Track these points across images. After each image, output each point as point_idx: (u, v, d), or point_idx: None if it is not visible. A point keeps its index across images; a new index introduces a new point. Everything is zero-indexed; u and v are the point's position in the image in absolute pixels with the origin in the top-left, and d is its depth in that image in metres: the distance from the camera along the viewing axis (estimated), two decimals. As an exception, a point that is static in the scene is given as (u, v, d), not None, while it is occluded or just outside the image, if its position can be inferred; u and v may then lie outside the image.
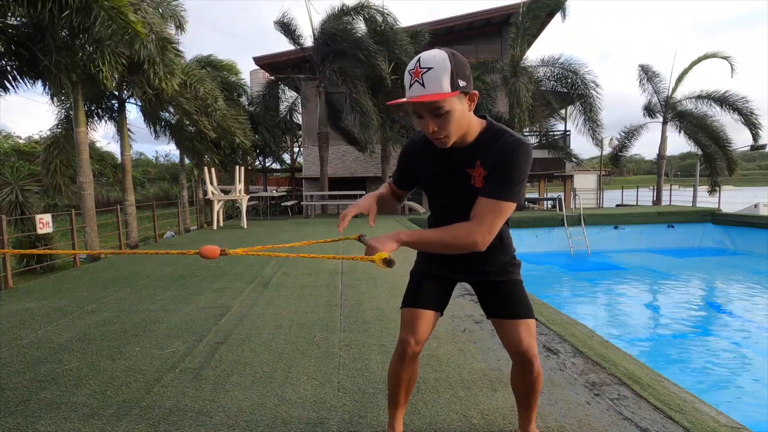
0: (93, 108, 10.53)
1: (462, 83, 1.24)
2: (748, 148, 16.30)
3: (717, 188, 16.36)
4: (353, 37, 13.42)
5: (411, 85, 1.25)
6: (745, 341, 5.80)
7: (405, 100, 1.26)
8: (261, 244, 8.33)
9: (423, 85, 1.22)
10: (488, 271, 1.54)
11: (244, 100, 16.77)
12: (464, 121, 1.30)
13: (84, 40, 7.18)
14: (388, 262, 1.23)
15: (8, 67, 7.23)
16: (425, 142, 1.47)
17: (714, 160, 16.16)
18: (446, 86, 1.21)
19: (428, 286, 1.60)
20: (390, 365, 1.62)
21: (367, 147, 14.36)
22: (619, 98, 23.27)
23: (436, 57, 1.23)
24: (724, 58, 15.74)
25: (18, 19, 6.92)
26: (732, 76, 15.93)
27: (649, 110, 17.22)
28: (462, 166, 1.40)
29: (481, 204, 1.32)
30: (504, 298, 1.53)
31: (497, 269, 1.53)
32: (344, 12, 13.86)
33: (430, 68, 1.22)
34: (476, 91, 1.31)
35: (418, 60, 1.24)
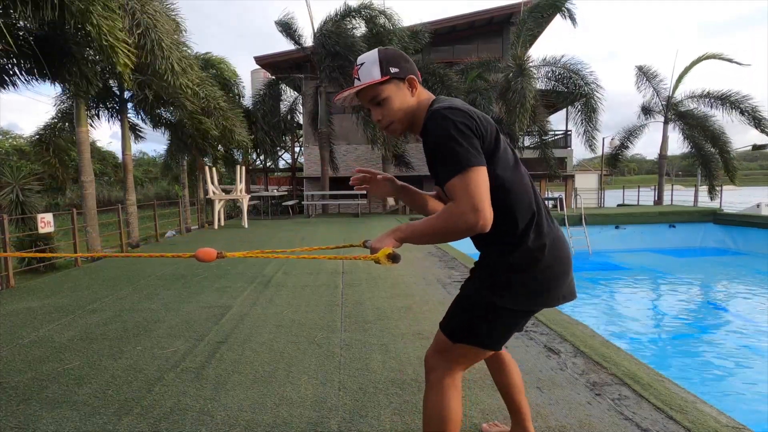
0: (96, 107, 10.56)
1: (393, 69, 1.29)
2: (750, 147, 16.27)
3: (714, 191, 16.36)
4: (349, 40, 13.42)
5: (354, 82, 1.35)
6: (747, 341, 5.79)
7: (341, 92, 1.36)
8: (262, 244, 8.35)
9: (359, 79, 1.32)
10: (476, 272, 1.35)
11: (245, 101, 16.82)
12: (407, 106, 1.32)
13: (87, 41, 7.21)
14: (394, 258, 1.20)
15: (16, 67, 7.30)
16: None
17: (710, 162, 16.15)
18: (376, 74, 1.29)
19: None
20: None
21: (376, 143, 14.38)
22: (626, 98, 23.22)
23: (367, 54, 1.34)
24: (728, 60, 15.67)
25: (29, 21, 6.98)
26: (744, 69, 15.83)
27: (646, 110, 17.23)
28: (427, 153, 1.34)
29: (448, 190, 1.16)
30: (452, 303, 1.39)
31: (474, 278, 1.34)
32: (346, 13, 13.85)
33: (362, 64, 1.32)
34: (413, 75, 1.32)
35: (356, 61, 1.36)
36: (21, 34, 6.95)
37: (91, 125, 11.13)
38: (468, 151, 1.13)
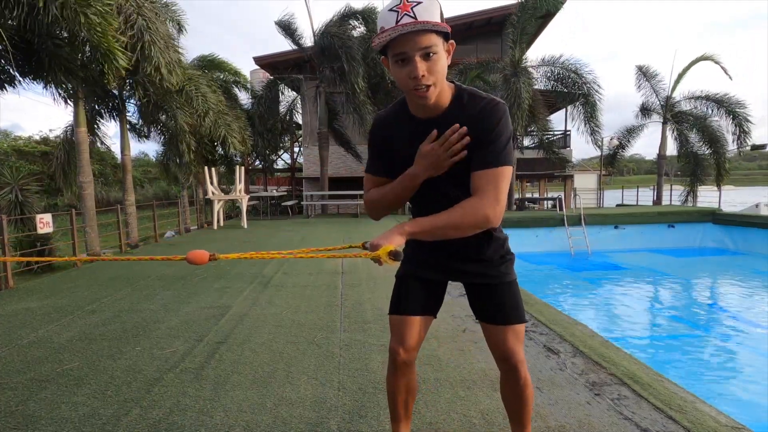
0: (98, 108, 10.56)
1: (446, 26, 1.14)
2: (748, 148, 16.26)
3: (693, 194, 16.36)
4: (347, 43, 13.42)
5: (399, 20, 1.10)
6: (746, 341, 5.79)
7: (404, 23, 1.08)
8: (261, 244, 8.33)
9: (412, 16, 1.09)
10: (480, 272, 1.41)
11: (245, 99, 16.83)
12: (445, 72, 1.19)
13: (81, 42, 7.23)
14: (395, 255, 1.12)
15: (8, 68, 7.29)
16: (395, 116, 1.33)
17: (702, 163, 16.15)
18: (437, 20, 1.12)
19: (414, 290, 1.47)
20: (386, 377, 1.53)
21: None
22: (626, 99, 23.46)
23: None
24: (717, 62, 15.73)
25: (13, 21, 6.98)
26: (731, 79, 15.86)
27: (645, 110, 17.25)
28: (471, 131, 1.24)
29: (478, 177, 1.21)
30: (495, 302, 1.41)
31: (490, 267, 1.40)
32: (347, 15, 13.86)
33: (419, 2, 1.10)
34: (453, 41, 1.21)
35: None
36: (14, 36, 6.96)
37: (98, 131, 11.22)
38: (511, 151, 1.26)
